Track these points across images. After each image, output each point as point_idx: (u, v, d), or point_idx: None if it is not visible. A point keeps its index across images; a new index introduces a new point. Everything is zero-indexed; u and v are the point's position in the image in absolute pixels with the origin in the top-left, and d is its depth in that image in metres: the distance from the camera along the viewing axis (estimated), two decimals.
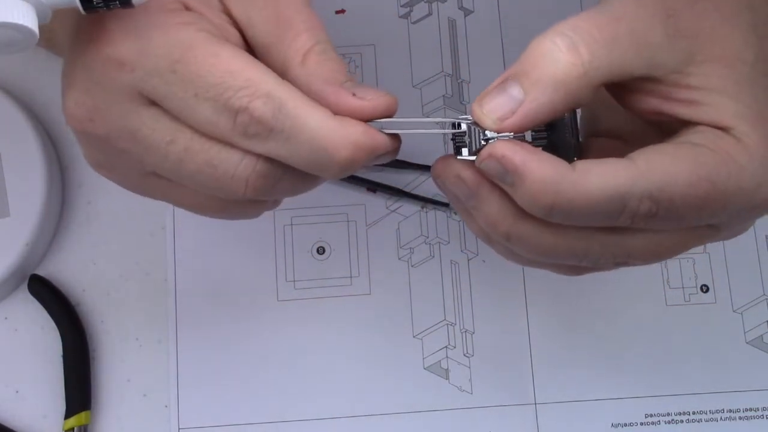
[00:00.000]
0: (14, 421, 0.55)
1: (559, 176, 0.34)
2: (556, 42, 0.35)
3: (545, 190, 0.34)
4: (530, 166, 0.34)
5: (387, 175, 0.58)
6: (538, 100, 0.35)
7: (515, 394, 0.55)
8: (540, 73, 0.35)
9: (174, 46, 0.35)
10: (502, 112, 0.35)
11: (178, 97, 0.36)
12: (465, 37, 0.60)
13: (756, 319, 0.56)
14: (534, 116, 0.35)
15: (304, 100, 0.36)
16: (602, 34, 0.35)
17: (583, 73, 0.35)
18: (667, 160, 0.35)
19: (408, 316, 0.56)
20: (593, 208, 0.35)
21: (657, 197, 0.35)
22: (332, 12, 0.61)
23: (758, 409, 0.55)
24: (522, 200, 0.35)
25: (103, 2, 0.33)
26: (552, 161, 0.35)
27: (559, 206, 0.34)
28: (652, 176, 0.35)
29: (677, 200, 0.35)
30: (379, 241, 0.58)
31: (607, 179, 0.34)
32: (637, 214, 0.35)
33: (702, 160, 0.35)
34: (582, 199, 0.34)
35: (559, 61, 0.35)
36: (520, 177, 0.34)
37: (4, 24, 0.32)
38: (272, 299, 0.57)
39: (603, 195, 0.34)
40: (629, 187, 0.34)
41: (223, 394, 0.55)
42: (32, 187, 0.55)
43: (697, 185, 0.35)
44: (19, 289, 0.57)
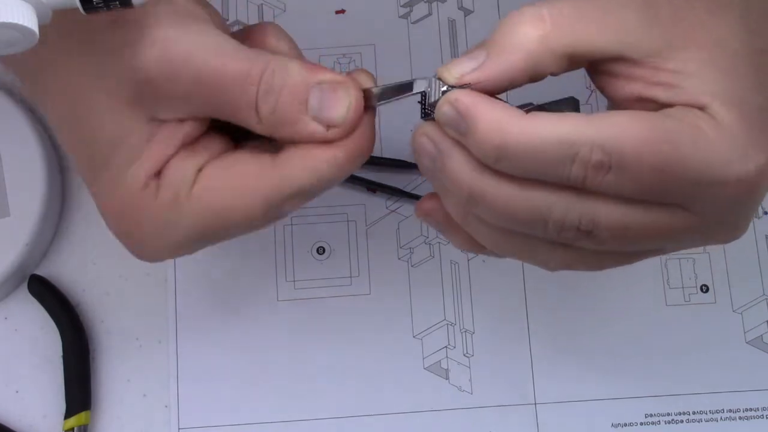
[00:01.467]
0: (14, 421, 0.55)
1: (508, 118, 0.35)
2: (522, 12, 0.36)
3: (493, 131, 0.35)
4: (480, 107, 0.35)
5: (387, 175, 0.58)
6: (497, 60, 0.36)
7: (515, 394, 0.55)
8: (502, 39, 0.36)
9: (191, 232, 0.40)
10: (463, 71, 0.37)
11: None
12: (465, 37, 0.60)
13: (756, 319, 0.56)
14: (492, 73, 0.36)
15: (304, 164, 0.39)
16: (570, 8, 0.36)
17: (542, 38, 0.36)
18: (626, 118, 0.35)
19: (408, 316, 0.56)
20: (542, 153, 0.35)
21: (608, 148, 0.34)
22: (332, 12, 0.61)
23: (758, 409, 0.55)
24: (474, 147, 0.36)
25: (103, 2, 0.33)
26: (504, 107, 0.36)
27: (507, 149, 0.35)
28: (605, 127, 0.35)
29: (630, 154, 0.34)
30: (379, 241, 0.58)
31: (557, 125, 0.35)
32: (589, 164, 0.35)
33: (665, 125, 0.35)
34: (529, 141, 0.35)
35: (521, 26, 0.36)
36: (471, 121, 0.36)
37: (4, 24, 0.32)
38: (272, 299, 0.57)
39: (551, 139, 0.35)
40: (579, 134, 0.35)
41: (223, 394, 0.55)
42: (32, 187, 0.55)
43: (653, 143, 0.34)
44: (19, 289, 0.57)
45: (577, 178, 0.35)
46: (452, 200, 0.39)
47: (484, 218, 0.38)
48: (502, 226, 0.38)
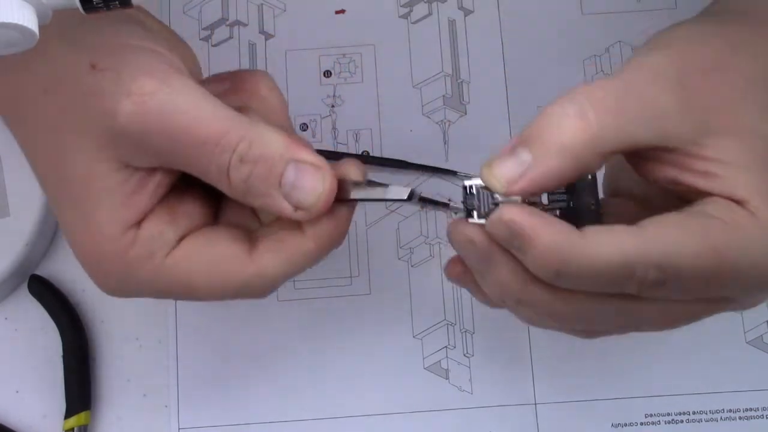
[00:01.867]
0: (14, 421, 0.55)
1: (567, 242, 0.35)
2: (564, 107, 0.35)
3: (552, 255, 0.35)
4: (538, 231, 0.35)
5: (387, 175, 0.58)
6: (546, 164, 0.35)
7: (515, 394, 0.55)
8: (547, 138, 0.35)
9: (155, 292, 0.42)
10: (510, 176, 0.35)
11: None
12: (465, 37, 0.60)
13: (756, 319, 0.56)
14: (541, 180, 0.35)
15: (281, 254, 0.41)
16: (611, 101, 0.35)
17: (590, 140, 0.35)
18: (677, 229, 0.35)
19: (408, 316, 0.56)
20: (600, 275, 0.35)
21: (664, 266, 0.35)
22: (332, 12, 0.61)
23: (758, 409, 0.55)
24: (530, 264, 0.36)
25: (103, 2, 0.33)
26: (560, 227, 0.35)
27: (566, 272, 0.35)
28: (660, 245, 0.35)
29: (685, 270, 0.35)
30: (379, 241, 0.58)
31: (615, 247, 0.35)
32: (645, 282, 0.35)
33: (712, 231, 0.35)
34: (589, 265, 0.35)
35: (567, 127, 0.35)
36: (528, 242, 0.35)
37: (4, 24, 0.32)
38: (272, 299, 0.57)
39: (610, 262, 0.35)
40: (636, 256, 0.35)
41: (223, 394, 0.55)
42: (32, 187, 0.55)
43: (705, 256, 0.35)
44: (19, 289, 0.57)
45: (631, 292, 0.36)
46: (495, 293, 0.39)
47: (527, 311, 0.39)
48: (543, 321, 0.39)
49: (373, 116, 0.59)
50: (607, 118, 0.35)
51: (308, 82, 0.59)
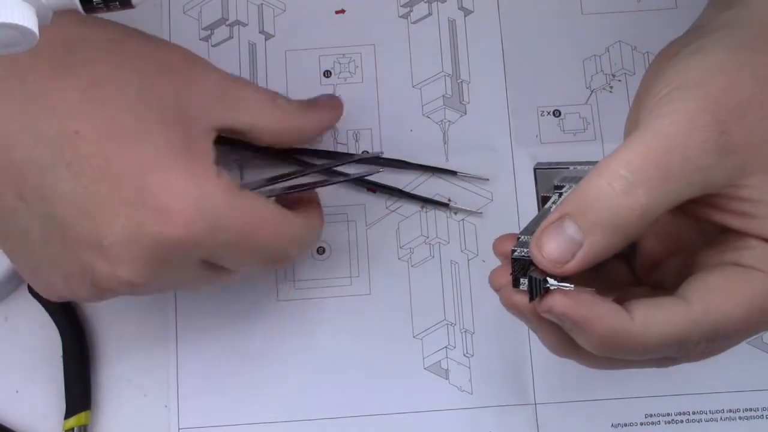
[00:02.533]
0: (14, 421, 0.55)
1: (620, 331, 0.35)
2: (612, 185, 0.35)
3: (605, 343, 0.36)
4: (590, 323, 0.35)
5: (387, 175, 0.58)
6: (598, 244, 0.35)
7: (515, 394, 0.55)
8: (597, 217, 0.35)
9: (243, 222, 0.43)
10: (560, 256, 0.35)
11: (236, 260, 0.46)
12: (465, 37, 0.60)
13: None
14: (593, 259, 0.36)
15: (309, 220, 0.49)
16: (656, 170, 0.35)
17: (641, 215, 0.35)
18: (724, 300, 0.36)
19: (408, 316, 0.56)
20: (652, 354, 0.36)
21: (713, 338, 0.36)
22: (332, 12, 0.61)
23: (758, 409, 0.55)
24: (582, 343, 0.37)
25: (103, 2, 0.33)
26: (611, 315, 0.35)
27: (619, 353, 0.36)
28: (709, 321, 0.36)
29: (732, 336, 0.37)
30: (379, 241, 0.58)
31: (666, 330, 0.35)
32: (694, 352, 0.37)
33: (755, 289, 0.36)
34: (642, 350, 0.36)
35: (617, 207, 0.35)
36: (580, 330, 0.36)
37: (4, 24, 0.32)
38: (272, 299, 0.57)
39: (661, 344, 0.36)
40: (687, 335, 0.36)
41: (223, 394, 0.55)
42: None
43: (750, 319, 0.36)
44: (19, 289, 0.57)
45: (678, 358, 0.38)
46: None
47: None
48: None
49: (373, 116, 0.59)
50: (655, 190, 0.35)
51: (308, 82, 0.59)
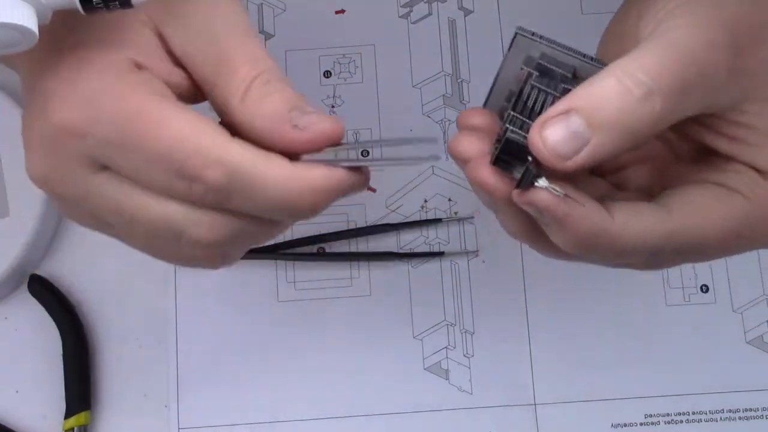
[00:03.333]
0: (14, 421, 0.55)
1: (600, 231, 0.35)
2: (631, 88, 0.33)
3: (582, 243, 0.35)
4: (571, 221, 0.34)
5: (388, 175, 0.58)
6: (606, 145, 0.33)
7: (515, 394, 0.55)
8: (611, 118, 0.33)
9: (123, 115, 0.34)
10: (564, 150, 0.33)
11: (130, 165, 0.35)
12: (465, 37, 0.60)
13: (756, 319, 0.56)
14: (597, 159, 0.34)
15: (256, 158, 0.34)
16: (677, 81, 0.33)
17: (654, 124, 0.34)
18: (702, 216, 0.35)
19: (408, 317, 0.56)
20: (626, 258, 0.36)
21: (688, 252, 0.36)
22: (332, 12, 0.61)
23: (758, 409, 0.55)
24: (556, 239, 0.35)
25: (103, 2, 0.33)
26: (593, 215, 0.34)
27: (591, 254, 0.35)
28: (686, 234, 0.35)
29: (708, 251, 0.36)
30: (379, 242, 0.58)
31: (644, 236, 0.35)
32: (668, 261, 0.36)
33: (735, 212, 0.36)
34: (616, 252, 0.35)
35: (634, 111, 0.33)
36: (560, 226, 0.35)
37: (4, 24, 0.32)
38: (272, 300, 0.57)
39: (637, 250, 0.35)
40: (663, 243, 0.35)
41: (223, 394, 0.55)
42: (32, 187, 0.55)
43: (727, 240, 0.36)
44: (19, 289, 0.57)
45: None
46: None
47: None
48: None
49: (373, 116, 0.59)
50: (671, 101, 0.33)
51: (308, 82, 0.59)
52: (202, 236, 0.36)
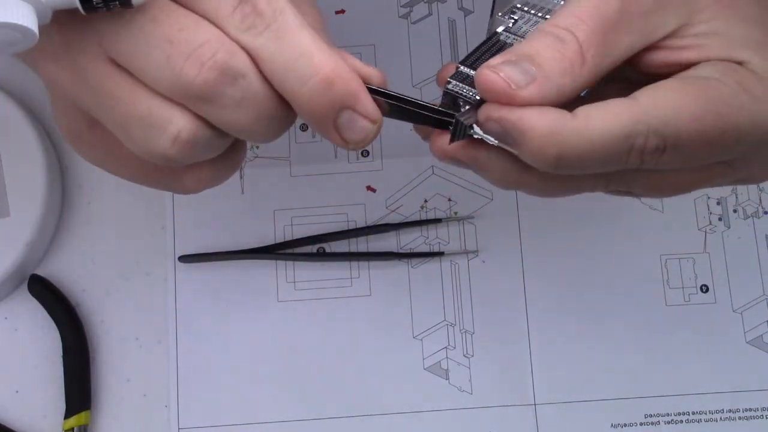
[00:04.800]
0: (14, 421, 0.55)
1: (561, 126, 0.33)
2: (559, 36, 0.34)
3: (548, 142, 0.33)
4: (529, 121, 0.33)
5: (387, 174, 0.58)
6: (549, 86, 0.34)
7: (515, 394, 0.55)
8: (550, 67, 0.34)
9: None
10: (517, 79, 0.34)
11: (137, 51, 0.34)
12: (465, 37, 0.60)
13: (756, 319, 0.56)
14: (546, 98, 0.34)
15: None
16: (595, 23, 0.34)
17: (591, 77, 0.34)
18: (672, 94, 0.34)
19: (408, 317, 0.56)
20: (600, 153, 0.34)
21: (663, 132, 0.33)
22: (332, 12, 0.61)
23: (758, 409, 0.55)
24: (528, 157, 0.34)
25: (103, 2, 0.33)
26: (551, 112, 0.33)
27: (565, 157, 0.33)
28: (656, 111, 0.33)
29: (684, 134, 0.34)
30: (379, 241, 0.58)
31: (610, 121, 0.33)
32: (645, 151, 0.34)
33: (710, 92, 0.34)
34: (587, 145, 0.33)
35: (564, 59, 0.34)
36: (521, 133, 0.33)
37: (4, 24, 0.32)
38: (272, 300, 0.57)
39: (608, 138, 0.33)
40: (633, 125, 0.33)
41: (223, 394, 0.55)
42: (32, 187, 0.55)
43: (704, 118, 0.34)
44: (19, 289, 0.57)
45: (633, 165, 0.34)
46: (492, 182, 0.37)
47: (528, 193, 0.38)
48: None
49: None
50: (597, 43, 0.34)
51: None
52: (182, 132, 0.34)
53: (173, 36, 0.33)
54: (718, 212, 0.58)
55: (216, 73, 0.33)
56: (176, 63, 0.33)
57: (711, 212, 0.58)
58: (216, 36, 0.34)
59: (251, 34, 0.34)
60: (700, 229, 0.58)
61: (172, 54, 0.33)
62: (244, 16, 0.34)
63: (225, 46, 0.34)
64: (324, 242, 0.57)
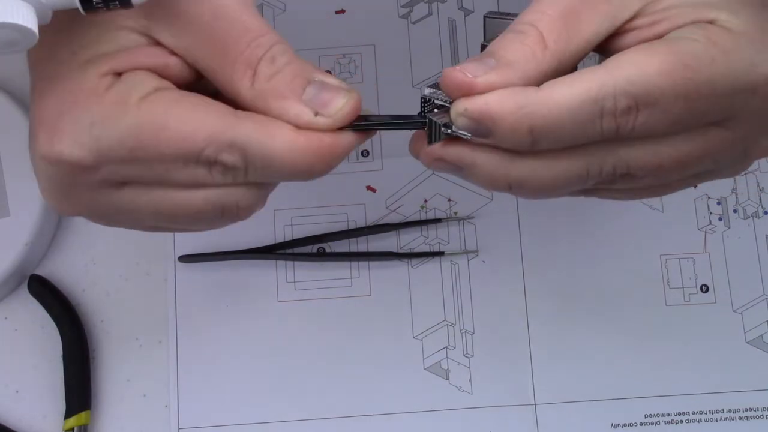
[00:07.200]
0: (14, 421, 0.55)
1: (525, 99, 0.34)
2: (525, 42, 0.35)
3: (518, 118, 0.34)
4: (494, 103, 0.34)
5: (387, 175, 0.58)
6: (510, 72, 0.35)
7: (515, 394, 0.55)
8: (511, 56, 0.35)
9: (126, 134, 0.35)
10: (476, 71, 0.35)
11: (151, 174, 0.36)
12: (465, 37, 0.60)
13: (756, 319, 0.56)
14: (510, 80, 0.35)
15: (265, 129, 0.35)
16: (554, 12, 0.35)
17: (558, 67, 0.35)
18: (638, 55, 0.34)
19: (408, 317, 0.56)
20: (571, 118, 0.34)
21: (630, 91, 0.33)
22: (332, 12, 0.61)
23: (758, 409, 0.55)
24: (504, 140, 0.35)
25: (103, 2, 0.33)
26: (513, 90, 0.34)
27: (538, 128, 0.34)
28: (621, 72, 0.34)
29: (654, 90, 0.34)
30: (379, 242, 0.58)
31: (574, 86, 0.34)
32: (617, 113, 0.34)
33: (677, 48, 0.34)
34: (555, 111, 0.34)
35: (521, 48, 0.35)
36: (490, 118, 0.34)
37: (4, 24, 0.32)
38: (272, 300, 0.57)
39: (575, 102, 0.34)
40: (599, 88, 0.34)
41: (223, 394, 0.55)
42: (32, 187, 0.55)
43: (673, 73, 0.34)
44: (19, 289, 0.57)
45: (610, 130, 0.34)
46: (484, 185, 0.38)
47: (522, 192, 0.38)
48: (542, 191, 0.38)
49: None
50: (558, 31, 0.35)
51: None
52: (241, 206, 0.38)
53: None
54: (718, 212, 0.58)
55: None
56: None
57: (711, 212, 0.58)
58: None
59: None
60: (700, 229, 0.58)
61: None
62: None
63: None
64: (324, 242, 0.57)
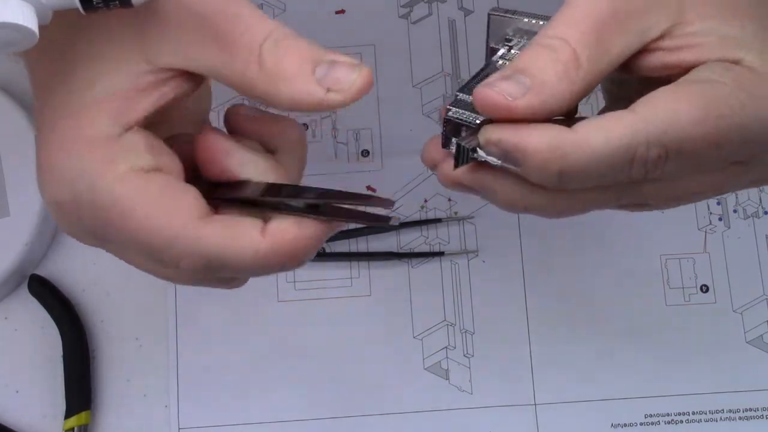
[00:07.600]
0: (14, 421, 0.55)
1: (560, 141, 0.33)
2: (551, 45, 0.34)
3: (550, 158, 0.33)
4: (529, 139, 0.33)
5: (387, 175, 0.58)
6: (545, 93, 0.34)
7: (515, 394, 0.55)
8: (545, 75, 0.34)
9: (99, 205, 0.36)
10: (511, 91, 0.34)
11: (116, 247, 0.39)
12: (465, 37, 0.60)
13: (756, 319, 0.56)
14: (546, 103, 0.34)
15: (227, 238, 0.35)
16: (587, 27, 0.34)
17: (587, 87, 0.35)
18: (669, 101, 0.34)
19: (408, 317, 0.56)
20: (602, 165, 0.33)
21: (663, 140, 0.33)
22: (332, 12, 0.61)
23: (758, 409, 0.55)
24: (531, 174, 0.34)
25: (103, 2, 0.33)
26: (549, 128, 0.34)
27: (567, 172, 0.33)
28: (655, 120, 0.33)
29: (686, 140, 0.33)
30: (379, 242, 0.58)
31: (609, 132, 0.33)
32: (648, 161, 0.34)
33: (709, 94, 0.34)
34: (588, 158, 0.33)
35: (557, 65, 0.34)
36: (522, 152, 0.34)
37: (4, 24, 0.32)
38: (272, 300, 0.57)
39: (608, 150, 0.33)
40: (633, 135, 0.33)
41: (223, 394, 0.55)
42: (32, 187, 0.55)
43: (704, 122, 0.33)
44: (19, 289, 0.57)
45: (638, 176, 0.34)
46: (501, 206, 0.38)
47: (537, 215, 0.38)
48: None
49: (373, 116, 0.59)
50: (596, 51, 0.34)
51: None
52: (223, 287, 0.40)
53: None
54: (718, 212, 0.58)
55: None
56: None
57: (711, 212, 0.58)
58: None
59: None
60: (700, 229, 0.58)
61: None
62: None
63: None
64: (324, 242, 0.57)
